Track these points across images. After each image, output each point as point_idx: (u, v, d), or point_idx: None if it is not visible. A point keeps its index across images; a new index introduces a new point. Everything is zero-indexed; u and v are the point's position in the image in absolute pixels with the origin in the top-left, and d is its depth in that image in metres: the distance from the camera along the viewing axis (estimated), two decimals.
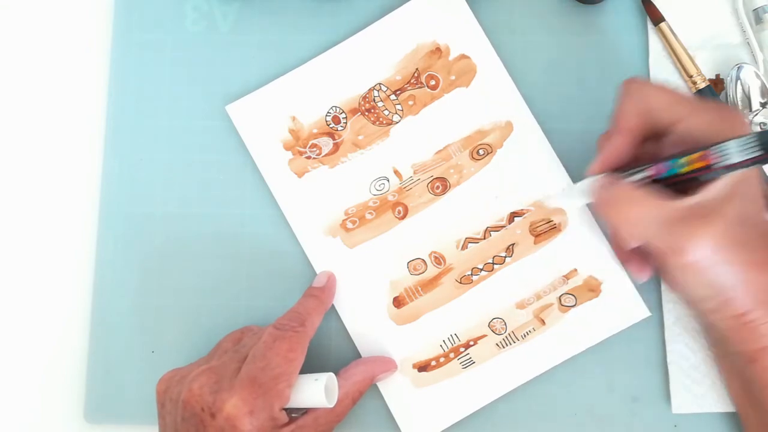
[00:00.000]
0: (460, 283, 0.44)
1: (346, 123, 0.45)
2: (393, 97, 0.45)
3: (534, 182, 0.44)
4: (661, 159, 0.37)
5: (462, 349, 0.43)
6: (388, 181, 0.44)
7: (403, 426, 0.42)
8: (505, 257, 0.44)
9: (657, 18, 0.45)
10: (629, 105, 0.38)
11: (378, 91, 0.45)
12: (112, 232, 0.45)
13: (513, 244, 0.44)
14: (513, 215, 0.44)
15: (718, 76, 0.45)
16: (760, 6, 0.45)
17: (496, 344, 0.43)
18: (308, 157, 0.44)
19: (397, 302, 0.44)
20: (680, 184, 0.36)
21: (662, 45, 0.46)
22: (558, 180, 0.44)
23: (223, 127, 0.46)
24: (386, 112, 0.45)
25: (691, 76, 0.44)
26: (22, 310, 0.46)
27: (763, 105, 0.43)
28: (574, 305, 0.43)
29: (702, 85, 0.44)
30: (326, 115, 0.45)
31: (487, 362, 0.43)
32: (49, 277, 0.46)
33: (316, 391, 0.38)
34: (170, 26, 0.47)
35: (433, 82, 0.45)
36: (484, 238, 0.44)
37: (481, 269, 0.44)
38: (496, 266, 0.44)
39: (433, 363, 0.43)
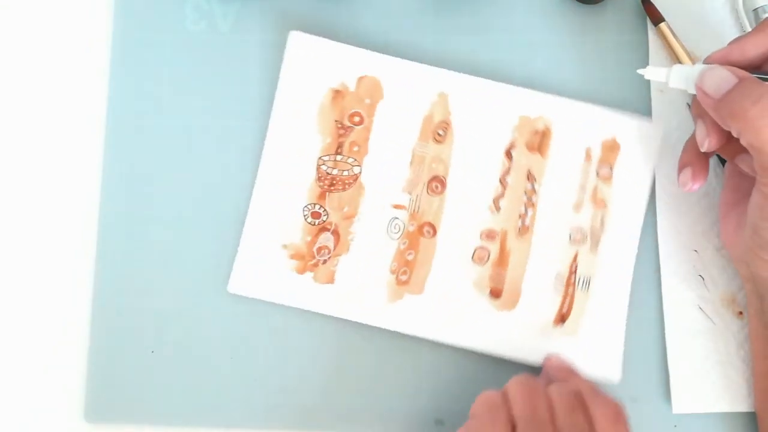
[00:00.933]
0: (522, 236, 0.44)
1: (325, 210, 0.44)
2: (339, 156, 0.44)
3: (500, 122, 0.44)
4: None
5: (573, 278, 0.44)
6: (397, 218, 0.44)
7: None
8: (533, 186, 0.44)
9: (657, 18, 0.45)
10: None
11: (323, 163, 0.44)
12: (112, 232, 0.45)
13: (529, 170, 0.44)
14: (509, 152, 0.44)
15: None
16: (760, 6, 0.45)
17: (590, 251, 0.44)
18: (324, 262, 0.44)
19: (495, 293, 0.44)
20: None
21: (662, 45, 0.46)
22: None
23: (225, 127, 0.46)
24: (345, 173, 0.44)
25: None
26: (22, 309, 0.46)
27: None
28: (612, 168, 0.44)
29: None
30: (305, 219, 0.44)
31: (596, 267, 0.44)
32: (49, 277, 0.46)
33: None
34: (170, 26, 0.47)
35: (357, 119, 0.45)
36: (505, 188, 0.44)
37: (526, 211, 0.44)
38: (533, 199, 0.44)
39: (565, 309, 0.43)
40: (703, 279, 0.44)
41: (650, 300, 0.44)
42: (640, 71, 0.40)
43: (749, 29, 0.45)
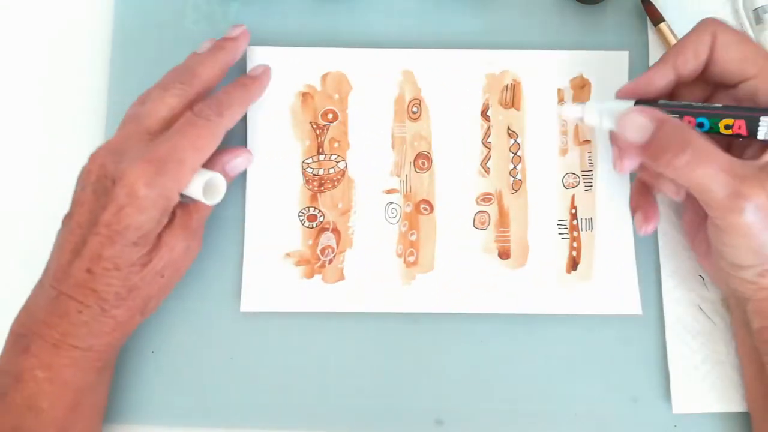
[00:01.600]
0: (516, 192, 0.44)
1: (320, 211, 0.45)
2: (321, 156, 0.45)
3: (469, 87, 0.45)
4: (698, 107, 0.37)
5: (575, 221, 0.44)
6: (392, 202, 0.45)
7: None
8: (516, 141, 0.45)
9: (657, 18, 0.45)
10: (690, 43, 0.37)
11: (307, 166, 0.45)
12: None
13: (508, 127, 0.45)
14: (484, 113, 0.45)
15: None
16: (760, 6, 0.45)
17: (585, 191, 0.44)
18: (330, 261, 0.44)
19: (504, 254, 0.44)
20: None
21: (662, 45, 0.46)
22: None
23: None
24: (331, 171, 0.45)
25: None
26: None
27: None
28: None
29: None
30: (303, 224, 0.44)
31: (595, 205, 0.44)
32: None
33: (197, 185, 0.39)
34: (170, 26, 0.47)
35: (330, 116, 0.45)
36: (489, 150, 0.45)
37: (515, 167, 0.45)
38: (519, 153, 0.45)
39: (575, 254, 0.44)
40: (703, 279, 0.44)
41: (650, 300, 0.44)
42: (556, 109, 0.43)
43: (749, 29, 0.45)
